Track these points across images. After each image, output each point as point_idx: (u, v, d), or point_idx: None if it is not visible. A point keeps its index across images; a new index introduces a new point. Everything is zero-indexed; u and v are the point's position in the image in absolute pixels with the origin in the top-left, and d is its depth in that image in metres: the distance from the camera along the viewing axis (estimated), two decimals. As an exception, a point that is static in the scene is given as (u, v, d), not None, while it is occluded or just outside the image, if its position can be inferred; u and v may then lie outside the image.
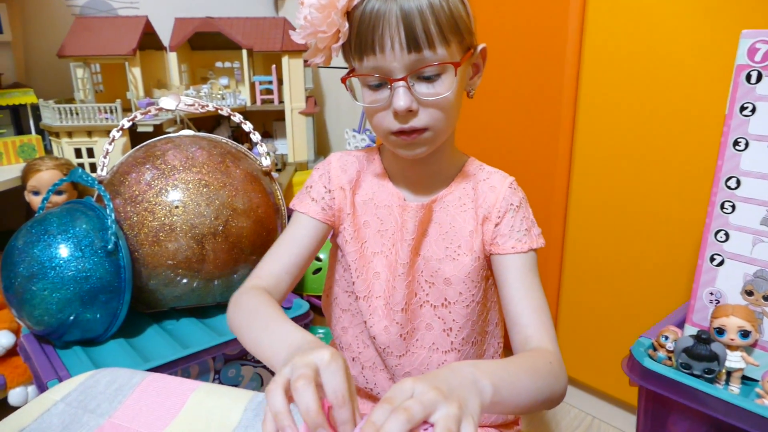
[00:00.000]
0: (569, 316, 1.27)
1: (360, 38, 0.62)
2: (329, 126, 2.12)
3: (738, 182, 0.69)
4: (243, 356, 1.09)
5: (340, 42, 0.64)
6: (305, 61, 1.74)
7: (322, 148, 2.12)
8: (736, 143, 0.68)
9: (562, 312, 1.27)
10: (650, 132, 1.05)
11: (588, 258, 1.20)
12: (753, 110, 0.67)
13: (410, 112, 0.63)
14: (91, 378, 0.64)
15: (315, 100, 1.83)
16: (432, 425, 0.40)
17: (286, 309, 1.14)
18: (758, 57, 0.65)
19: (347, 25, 0.62)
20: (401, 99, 0.62)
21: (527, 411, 0.59)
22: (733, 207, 0.69)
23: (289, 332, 0.57)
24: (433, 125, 0.64)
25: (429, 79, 0.62)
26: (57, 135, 1.36)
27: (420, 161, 0.72)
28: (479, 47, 0.68)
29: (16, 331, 1.22)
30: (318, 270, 1.49)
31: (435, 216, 0.74)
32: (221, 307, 1.07)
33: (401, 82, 0.61)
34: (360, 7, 0.61)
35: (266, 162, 1.20)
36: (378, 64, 0.62)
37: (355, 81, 0.69)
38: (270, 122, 1.87)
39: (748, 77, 0.66)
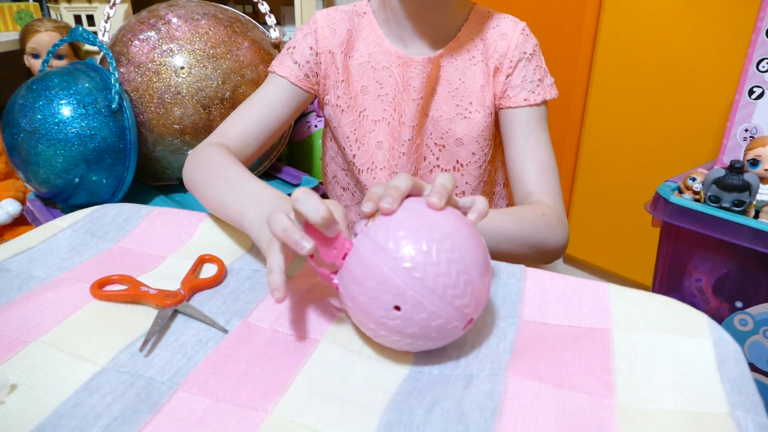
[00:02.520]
0: (582, 192, 1.23)
1: None
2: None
3: None
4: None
5: None
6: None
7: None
8: None
9: (576, 190, 1.24)
10: None
11: (608, 119, 1.13)
12: None
13: None
14: (99, 210, 0.62)
15: (326, -15, 1.73)
16: None
17: (295, 185, 1.12)
18: None
19: None
20: None
21: (513, 254, 0.56)
22: None
23: (258, 189, 0.53)
24: None
25: None
26: (55, 0, 1.29)
27: (423, 6, 0.64)
28: None
29: (21, 200, 1.22)
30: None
31: (442, 72, 0.67)
32: (228, 182, 1.06)
33: None
34: None
35: (275, 33, 1.14)
36: None
37: None
38: (278, 7, 1.78)
39: None
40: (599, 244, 1.23)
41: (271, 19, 1.16)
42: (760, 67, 0.65)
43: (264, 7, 1.18)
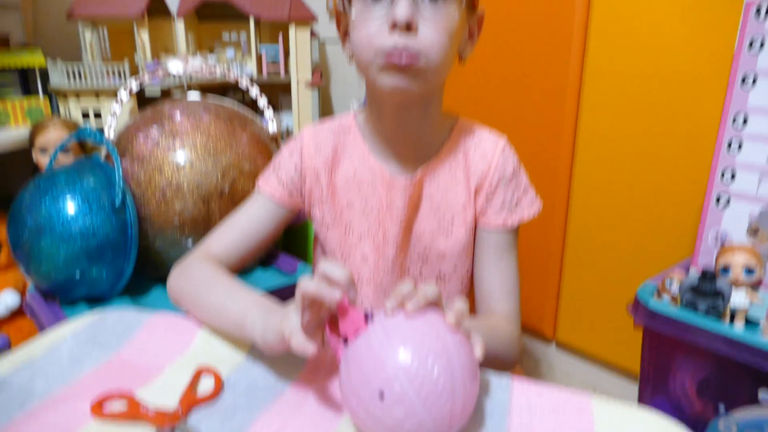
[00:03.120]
0: (571, 283, 1.27)
1: None
2: (334, 100, 2.12)
3: (745, 119, 0.68)
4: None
5: None
6: (312, 32, 1.73)
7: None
8: (744, 80, 0.68)
9: (565, 278, 1.28)
10: (656, 83, 1.04)
11: (592, 221, 1.19)
12: (762, 44, 0.66)
13: (409, 30, 0.56)
14: (99, 317, 0.64)
15: (321, 73, 1.82)
16: None
17: (290, 272, 1.15)
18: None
19: None
20: (403, 8, 0.54)
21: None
22: (740, 145, 0.69)
23: (256, 296, 0.56)
24: (430, 52, 0.57)
25: (435, 1, 0.56)
26: (65, 96, 1.36)
27: (405, 121, 0.65)
28: (480, 12, 0.65)
29: (21, 292, 1.23)
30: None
31: (425, 190, 0.68)
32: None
33: None
34: None
35: (273, 127, 1.20)
36: None
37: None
38: (276, 95, 1.87)
39: (758, 11, 0.65)
40: (589, 331, 1.25)
41: (269, 113, 1.23)
42: (724, 179, 0.69)
43: (262, 101, 1.25)
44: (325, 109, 2.12)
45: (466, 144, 0.69)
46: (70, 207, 0.95)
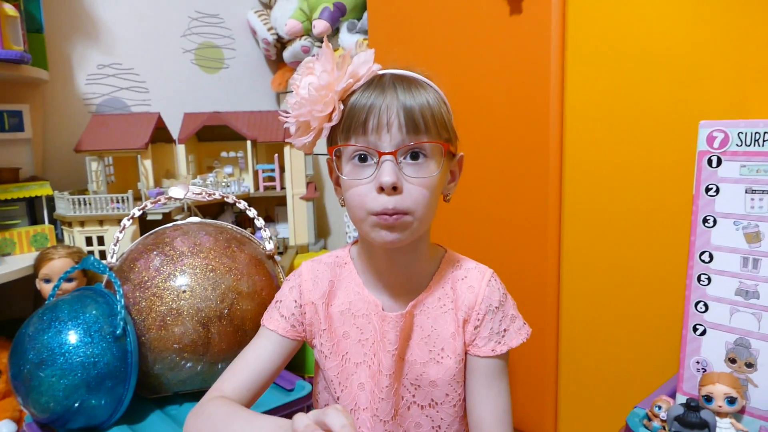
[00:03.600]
0: (567, 392, 1.27)
1: (352, 119, 0.64)
2: (329, 210, 2.20)
3: (711, 256, 0.74)
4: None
5: (333, 122, 0.65)
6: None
7: (322, 231, 2.18)
8: (705, 221, 0.74)
9: (561, 398, 1.28)
10: (632, 215, 1.10)
11: (581, 344, 1.22)
12: (717, 191, 0.73)
13: (395, 191, 0.62)
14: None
15: (315, 185, 1.91)
16: None
17: (289, 391, 1.15)
18: (716, 144, 0.72)
19: (342, 106, 0.65)
20: (388, 173, 0.61)
21: None
22: (709, 279, 0.74)
23: (275, 421, 0.58)
24: (415, 209, 0.63)
25: (416, 161, 0.64)
26: (69, 224, 1.42)
27: (395, 261, 0.71)
28: (458, 155, 0.72)
29: (18, 421, 1.22)
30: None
31: (416, 320, 0.72)
32: (224, 391, 1.09)
33: (389, 156, 0.62)
34: (356, 94, 0.65)
35: (269, 246, 1.26)
36: (368, 139, 0.63)
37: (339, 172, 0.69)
38: (272, 207, 1.95)
39: (710, 162, 0.73)
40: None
41: (266, 233, 1.29)
42: (698, 308, 0.74)
43: (259, 222, 1.31)
44: (320, 219, 2.19)
45: (454, 276, 0.74)
46: (72, 338, 0.98)
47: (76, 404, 0.97)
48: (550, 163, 1.20)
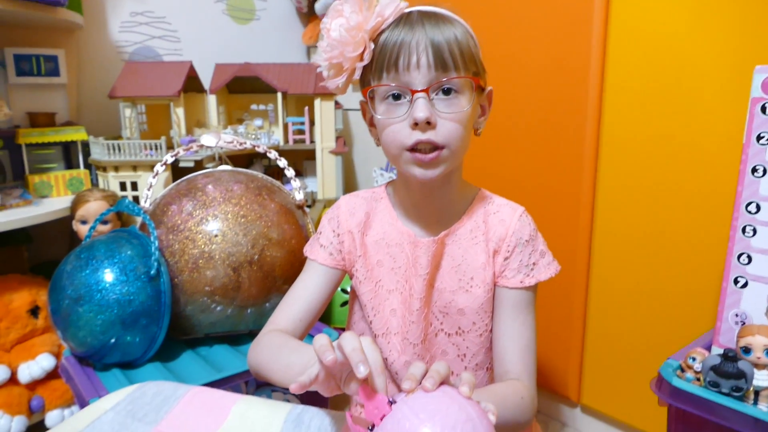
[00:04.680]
0: (594, 347, 1.27)
1: (384, 57, 0.66)
2: (357, 165, 2.19)
3: (758, 207, 0.71)
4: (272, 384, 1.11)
5: (365, 61, 0.67)
6: (336, 103, 1.82)
7: (350, 186, 2.18)
8: (754, 170, 0.71)
9: (588, 342, 1.28)
10: (673, 158, 1.07)
11: (613, 286, 1.20)
12: None
13: (428, 125, 0.65)
14: (138, 389, 0.67)
15: (344, 140, 1.90)
16: None
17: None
18: (772, 90, 0.69)
19: (373, 45, 0.67)
20: (422, 109, 0.64)
21: None
22: (754, 231, 0.72)
23: None
24: (450, 142, 0.66)
25: (448, 96, 0.65)
26: (104, 169, 1.44)
27: (430, 194, 0.73)
28: (488, 89, 0.73)
29: (56, 355, 1.27)
30: (345, 303, 1.52)
31: (447, 249, 0.75)
32: (253, 335, 1.11)
33: (422, 93, 0.64)
34: (386, 33, 0.66)
35: (299, 196, 1.26)
36: (400, 78, 0.65)
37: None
38: (301, 161, 1.95)
39: (763, 108, 0.70)
40: (614, 396, 1.24)
41: (296, 183, 1.29)
42: (741, 260, 0.72)
43: (290, 172, 1.31)
44: (348, 174, 2.19)
45: (486, 211, 0.76)
46: (109, 277, 1.01)
47: (112, 340, 1.00)
48: (589, 105, 1.17)
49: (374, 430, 0.46)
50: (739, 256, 0.73)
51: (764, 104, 0.70)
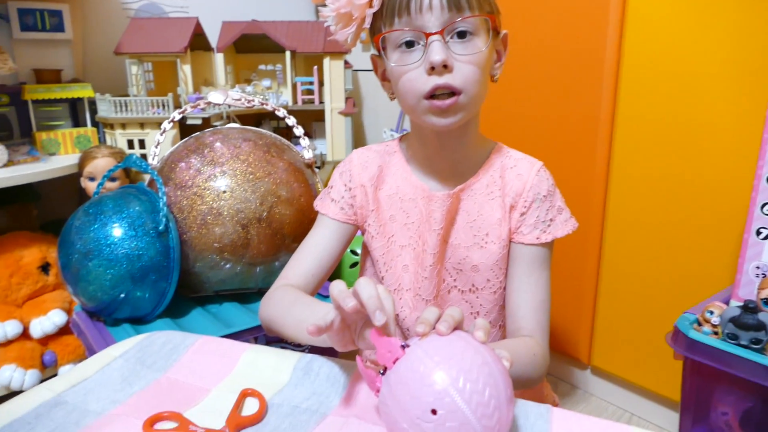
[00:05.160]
0: (606, 308, 1.25)
1: (395, 2, 0.62)
2: (366, 127, 2.16)
3: None
4: (283, 339, 1.12)
5: (375, 7, 0.64)
6: (345, 62, 1.78)
7: (359, 147, 2.16)
8: None
9: (600, 304, 1.26)
10: (694, 109, 1.03)
11: (627, 246, 1.18)
12: None
13: (445, 69, 0.62)
14: (148, 338, 0.67)
15: (354, 101, 1.87)
16: None
17: (324, 297, 1.17)
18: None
19: None
20: (438, 52, 0.61)
21: None
22: None
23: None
24: (467, 87, 0.63)
25: (464, 38, 0.62)
26: (111, 127, 1.42)
27: (446, 147, 0.71)
28: (503, 33, 0.69)
29: (68, 311, 1.28)
30: (354, 264, 1.52)
31: (462, 205, 0.73)
32: (262, 293, 1.10)
33: (437, 36, 0.61)
34: None
35: (308, 155, 1.24)
36: (412, 22, 0.62)
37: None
38: (310, 122, 1.92)
39: None
40: (625, 357, 1.23)
41: (305, 141, 1.27)
42: (765, 210, 0.69)
43: (299, 130, 1.29)
44: (358, 136, 2.16)
45: (503, 165, 0.74)
46: (117, 232, 1.00)
47: (122, 295, 1.00)
48: (606, 60, 1.13)
49: (387, 374, 0.45)
50: (762, 206, 0.70)
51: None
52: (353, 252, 1.46)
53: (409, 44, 0.63)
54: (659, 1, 1.06)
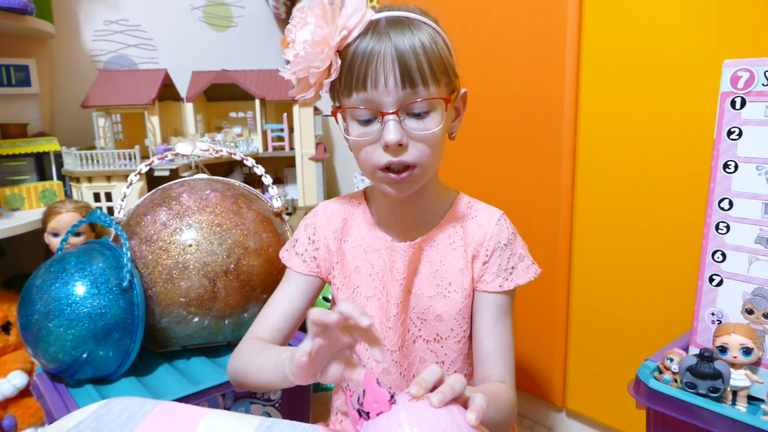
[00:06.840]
0: (577, 351, 1.26)
1: (352, 74, 0.64)
2: (338, 171, 2.18)
3: (730, 203, 0.71)
4: (252, 394, 1.09)
5: (332, 77, 0.65)
6: (315, 109, 1.81)
7: (331, 192, 2.17)
8: (725, 166, 0.71)
9: (571, 346, 1.27)
10: (648, 160, 1.07)
11: (594, 290, 1.20)
12: (739, 134, 0.70)
13: (400, 147, 0.64)
14: (104, 406, 0.65)
15: (324, 146, 1.89)
16: None
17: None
18: (740, 84, 0.69)
19: (340, 61, 0.65)
20: (392, 132, 0.63)
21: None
22: (728, 227, 0.72)
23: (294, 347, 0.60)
24: (421, 161, 0.65)
25: (419, 116, 0.64)
26: (77, 180, 1.41)
27: (407, 201, 0.73)
28: (462, 91, 0.71)
29: (29, 372, 1.24)
30: (327, 311, 1.51)
31: (425, 255, 0.74)
32: (231, 347, 1.08)
33: (392, 116, 0.63)
34: (353, 45, 0.64)
35: (277, 204, 1.24)
36: (369, 98, 0.64)
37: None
38: (281, 168, 1.93)
39: (733, 103, 0.70)
40: (599, 400, 1.23)
41: (273, 190, 1.27)
42: (716, 257, 0.71)
43: (267, 179, 1.29)
44: (330, 180, 2.18)
45: (464, 215, 0.76)
46: (79, 290, 0.98)
47: (84, 355, 0.98)
48: (565, 108, 1.17)
49: (366, 424, 0.45)
50: (713, 254, 0.72)
51: (734, 98, 0.70)
52: (325, 299, 1.45)
53: (366, 120, 0.66)
54: (614, 45, 1.10)
